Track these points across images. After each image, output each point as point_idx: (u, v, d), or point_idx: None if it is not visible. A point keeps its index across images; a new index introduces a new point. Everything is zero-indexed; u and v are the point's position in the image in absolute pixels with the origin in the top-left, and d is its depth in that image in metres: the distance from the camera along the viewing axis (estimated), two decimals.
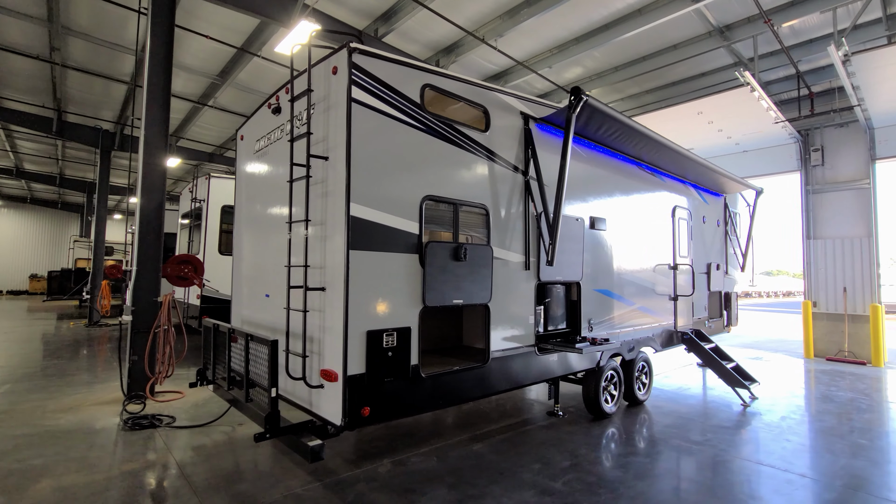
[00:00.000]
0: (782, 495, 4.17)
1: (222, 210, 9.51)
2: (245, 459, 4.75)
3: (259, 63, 11.65)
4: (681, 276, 7.87)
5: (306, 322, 3.71)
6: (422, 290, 3.97)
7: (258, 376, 3.93)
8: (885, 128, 10.97)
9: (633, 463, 4.83)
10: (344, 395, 3.44)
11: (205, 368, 5.14)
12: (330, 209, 3.72)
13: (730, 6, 8.78)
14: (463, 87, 4.51)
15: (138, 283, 6.82)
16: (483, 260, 4.42)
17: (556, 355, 5.36)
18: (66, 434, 5.39)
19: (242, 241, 5.49)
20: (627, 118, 5.35)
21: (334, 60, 3.77)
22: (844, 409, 6.94)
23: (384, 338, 3.70)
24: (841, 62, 7.98)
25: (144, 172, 6.97)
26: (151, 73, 7.07)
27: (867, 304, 11.00)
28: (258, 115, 5.25)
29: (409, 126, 3.99)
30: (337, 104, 3.72)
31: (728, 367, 7.43)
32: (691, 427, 6.06)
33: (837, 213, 11.68)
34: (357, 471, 4.49)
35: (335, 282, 3.60)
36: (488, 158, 4.67)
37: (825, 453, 5.19)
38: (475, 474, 4.46)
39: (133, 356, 6.77)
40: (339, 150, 3.65)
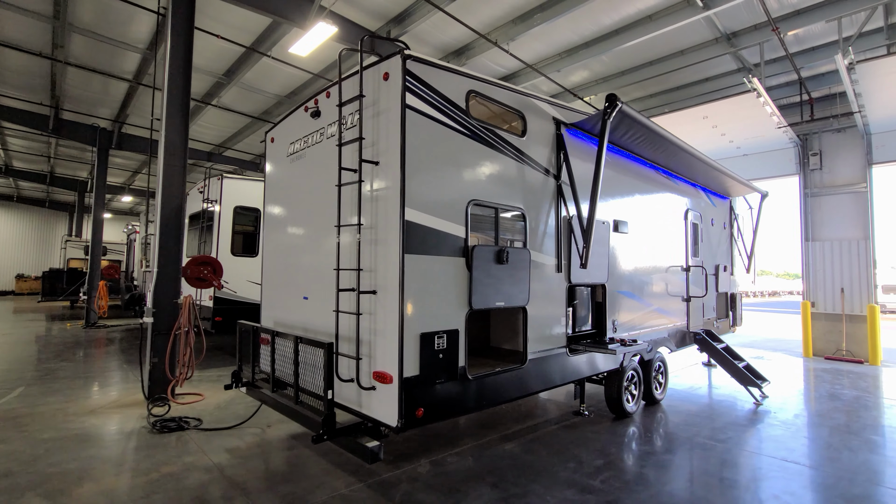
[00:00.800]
0: (812, 490, 4.32)
1: (235, 211, 9.46)
2: (282, 461, 4.77)
3: (267, 63, 11.61)
4: (693, 278, 8.05)
5: (359, 325, 3.75)
6: (468, 292, 4.04)
7: (307, 379, 3.97)
8: (881, 133, 11.31)
9: (665, 461, 4.96)
10: (400, 397, 3.49)
11: (240, 370, 5.14)
12: (381, 213, 3.77)
13: (738, 13, 9.00)
14: (503, 94, 4.59)
15: (159, 285, 6.78)
16: (522, 263, 4.51)
17: (584, 356, 5.47)
18: (95, 437, 5.36)
19: (273, 243, 5.50)
20: (655, 124, 5.48)
21: (385, 66, 3.82)
22: (852, 407, 7.17)
23: (436, 340, 3.76)
24: (846, 70, 8.23)
25: (165, 174, 6.93)
26: (171, 75, 7.03)
27: (864, 304, 11.33)
28: (292, 118, 5.26)
29: (456, 131, 4.06)
30: (388, 109, 3.77)
31: (740, 366, 7.62)
32: (710, 425, 6.21)
33: (835, 216, 12.01)
34: (397, 471, 4.54)
35: (388, 285, 3.66)
36: (525, 163, 4.76)
37: (843, 450, 5.38)
38: (514, 473, 4.54)
39: (153, 358, 6.73)
40: (392, 155, 3.70)
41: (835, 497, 4.21)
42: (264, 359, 4.86)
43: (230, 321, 9.35)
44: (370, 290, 3.77)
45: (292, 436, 5.50)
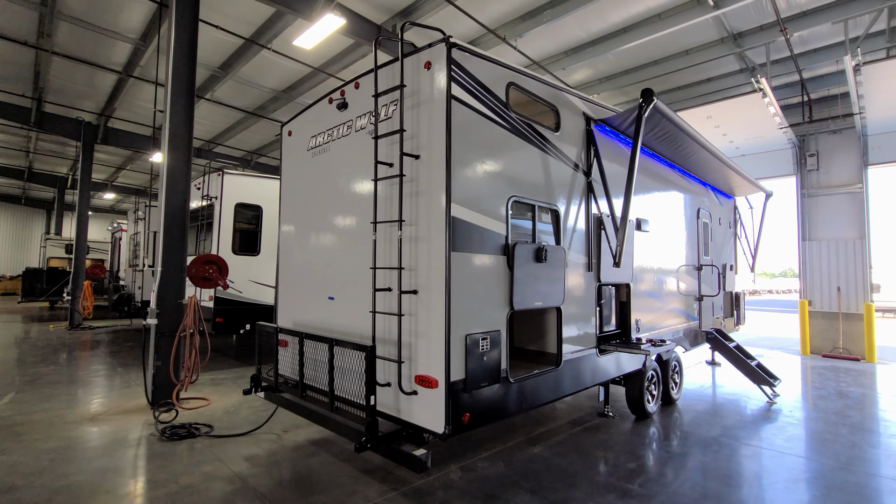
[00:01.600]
0: (853, 494, 4.30)
1: (236, 208, 9.13)
2: (306, 468, 4.55)
3: (265, 57, 11.27)
4: (705, 277, 8.04)
5: (401, 326, 3.56)
6: (509, 293, 3.89)
7: (342, 384, 3.76)
8: (878, 135, 11.53)
9: (699, 463, 4.89)
10: (447, 403, 3.33)
11: (259, 374, 4.91)
12: (423, 209, 3.59)
13: (746, 14, 9.03)
14: (540, 87, 4.45)
15: (163, 285, 6.46)
16: (559, 262, 4.38)
17: (611, 357, 5.38)
18: (101, 446, 5.05)
19: (291, 241, 5.27)
20: (683, 120, 5.41)
21: (427, 55, 3.64)
22: (863, 405, 7.24)
23: (480, 342, 3.61)
24: (853, 71, 8.33)
25: (169, 169, 6.62)
26: (176, 66, 6.72)
27: (860, 303, 11.55)
28: (313, 111, 5.04)
29: (497, 124, 3.91)
30: (430, 100, 3.60)
31: (752, 365, 7.64)
32: (731, 425, 6.19)
33: (831, 217, 12.21)
34: (429, 478, 4.37)
35: (431, 285, 3.48)
36: (559, 159, 4.63)
37: (867, 447, 5.39)
38: (549, 478, 4.41)
39: (157, 361, 6.41)
40: (435, 149, 3.53)
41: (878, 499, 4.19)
42: (289, 362, 4.62)
43: (231, 322, 9.03)
44: (411, 289, 3.59)
45: (311, 441, 5.28)
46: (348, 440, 5.16)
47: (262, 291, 9.40)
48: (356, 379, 3.73)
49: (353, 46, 10.77)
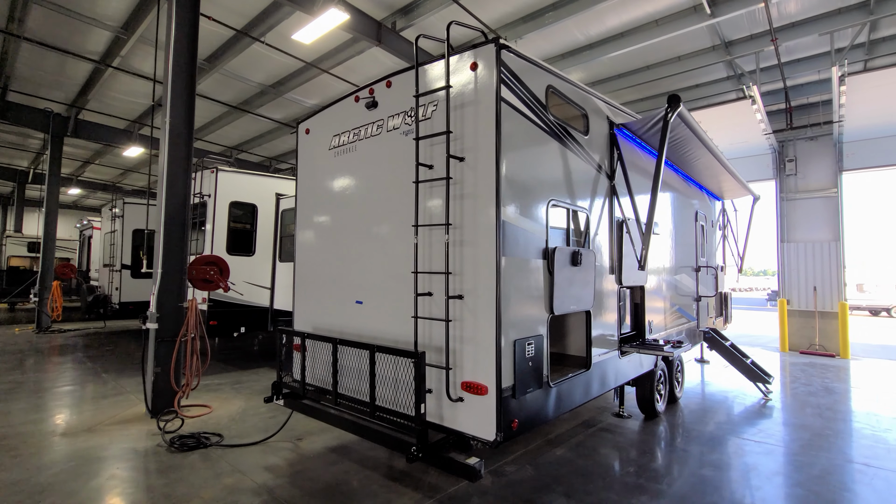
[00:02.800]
0: (871, 487, 4.49)
1: (230, 206, 8.80)
2: (332, 477, 4.41)
3: (256, 50, 10.92)
4: (702, 278, 8.27)
5: (448, 332, 3.49)
6: (549, 296, 3.88)
7: (382, 392, 3.66)
8: (852, 143, 12.16)
9: (716, 461, 5.02)
10: (498, 409, 3.28)
11: (280, 381, 4.73)
12: (469, 213, 3.53)
13: (739, 22, 9.33)
14: (573, 90, 4.45)
15: (163, 287, 6.15)
16: (590, 265, 4.40)
17: (631, 358, 5.45)
18: (106, 459, 4.76)
19: (311, 243, 5.10)
20: (700, 127, 5.53)
21: (472, 56, 3.58)
22: (858, 400, 7.61)
23: (526, 347, 3.57)
24: (838, 81, 8.73)
25: (169, 166, 6.30)
26: (177, 57, 6.39)
27: (835, 301, 12.15)
28: (335, 109, 4.89)
29: (539, 127, 3.88)
30: (475, 102, 3.53)
31: (747, 363, 7.92)
32: (734, 422, 6.39)
33: (808, 219, 12.80)
34: (459, 485, 4.31)
35: (479, 289, 3.43)
36: (588, 162, 4.65)
37: (862, 439, 5.66)
38: (580, 481, 4.43)
39: (156, 368, 6.11)
40: (482, 151, 3.47)
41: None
42: (317, 369, 4.47)
43: (226, 325, 8.71)
44: (456, 294, 3.52)
45: (330, 449, 5.13)
46: (368, 447, 5.10)
47: (258, 293, 9.11)
48: (399, 386, 3.64)
49: (349, 42, 10.56)
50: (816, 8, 8.69)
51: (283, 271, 9.23)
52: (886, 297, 27.93)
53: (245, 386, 7.86)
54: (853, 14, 8.60)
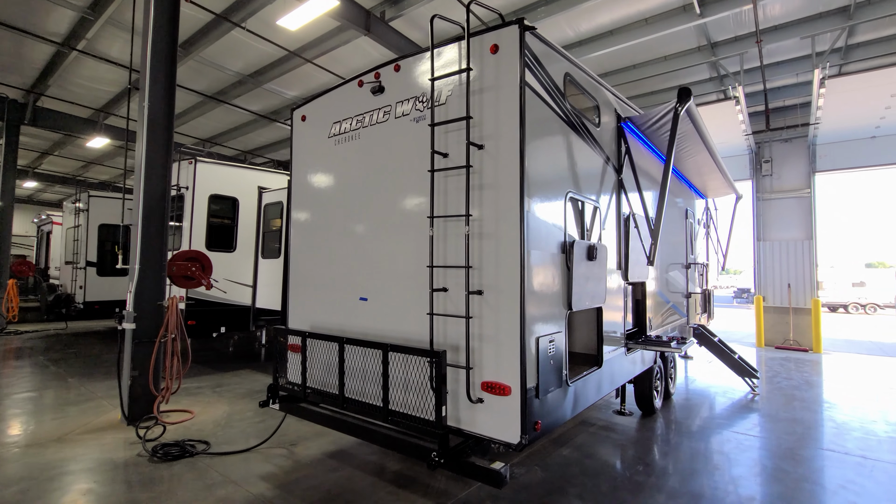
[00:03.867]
0: (872, 479, 4.55)
1: (210, 199, 8.33)
2: (335, 485, 4.15)
3: (234, 37, 10.41)
4: (691, 275, 8.36)
5: (468, 330, 3.29)
6: (567, 292, 3.74)
7: (394, 395, 3.42)
8: (825, 145, 12.61)
9: (725, 458, 5.01)
10: (522, 410, 3.11)
11: (276, 384, 4.42)
12: (489, 204, 3.34)
13: (725, 24, 9.47)
14: (586, 80, 4.33)
15: (141, 285, 5.71)
16: (603, 260, 4.29)
17: (635, 355, 5.39)
18: (82, 472, 4.34)
19: (307, 237, 4.80)
20: (704, 125, 5.51)
21: (493, 38, 3.38)
22: (839, 393, 7.83)
23: (549, 345, 3.42)
24: (818, 84, 8.98)
25: (148, 157, 5.86)
26: (156, 42, 5.94)
27: (808, 298, 12.58)
28: (335, 95, 4.60)
29: (558, 116, 3.73)
30: (497, 87, 3.35)
31: (735, 358, 8.04)
32: (728, 417, 6.45)
33: (782, 219, 13.21)
34: (470, 489, 4.13)
35: (501, 284, 3.24)
36: (600, 155, 4.54)
37: (852, 430, 5.79)
38: (591, 482, 4.32)
39: (134, 371, 5.67)
40: (504, 139, 3.29)
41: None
42: (318, 369, 4.19)
43: (204, 325, 8.25)
44: (476, 289, 3.33)
45: (327, 455, 4.86)
46: (368, 452, 4.86)
47: (239, 291, 8.67)
48: (412, 387, 3.42)
49: (335, 31, 10.19)
50: (800, 11, 8.90)
51: (265, 268, 8.83)
52: (843, 295, 29.39)
53: (227, 389, 7.45)
54: (834, 18, 8.85)
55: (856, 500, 4.03)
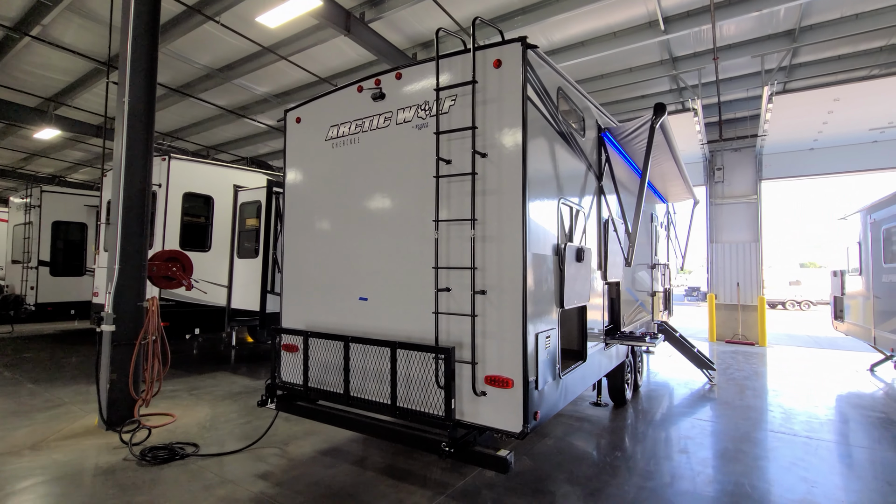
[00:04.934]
0: (817, 457, 5.12)
1: (184, 197, 8.10)
2: (333, 481, 4.25)
3: (206, 30, 10.13)
4: (657, 275, 8.94)
5: (474, 327, 3.49)
6: (559, 291, 4.02)
7: (401, 392, 3.58)
8: (770, 155, 13.70)
9: (691, 442, 5.46)
10: (524, 401, 3.35)
11: (274, 383, 4.46)
12: (492, 208, 3.56)
13: (686, 40, 10.16)
14: (574, 93, 4.63)
15: (121, 285, 5.55)
16: (588, 261, 4.61)
17: (612, 349, 5.77)
18: (66, 478, 4.22)
19: (304, 238, 4.85)
20: (674, 137, 5.97)
21: (497, 53, 3.60)
22: (784, 382, 8.61)
23: (546, 340, 3.68)
24: (767, 99, 9.81)
25: (128, 151, 5.69)
26: (136, 28, 5.78)
27: (755, 296, 13.64)
28: (333, 98, 4.68)
29: (552, 127, 4.00)
30: (500, 99, 3.57)
31: (695, 351, 8.68)
32: (689, 405, 7.00)
33: (733, 222, 14.24)
34: (466, 479, 4.34)
35: (504, 284, 3.47)
36: (584, 163, 4.86)
37: (792, 415, 6.44)
38: (580, 469, 4.63)
39: (112, 374, 5.51)
40: (507, 148, 3.51)
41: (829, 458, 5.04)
42: (317, 368, 4.27)
43: (179, 326, 8.03)
44: (479, 289, 3.54)
45: (322, 452, 4.93)
46: (361, 448, 4.99)
47: (214, 291, 8.48)
48: (418, 383, 3.59)
49: (312, 30, 10.13)
50: (752, 32, 9.69)
51: (241, 268, 8.68)
52: (782, 293, 31.81)
53: (204, 391, 7.30)
54: (781, 40, 9.70)
55: (806, 475, 4.56)
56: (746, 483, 4.37)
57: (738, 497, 4.09)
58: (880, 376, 9.24)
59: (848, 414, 6.63)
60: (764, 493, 4.17)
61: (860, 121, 11.25)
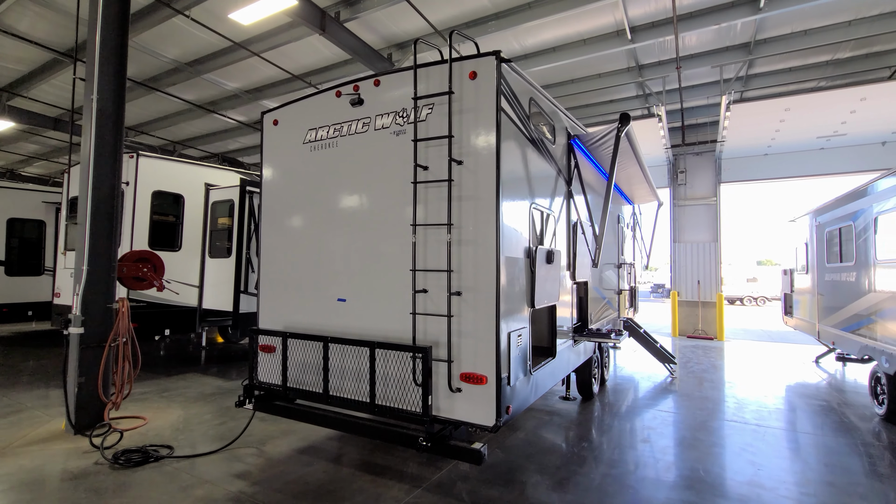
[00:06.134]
0: (764, 441, 5.54)
1: (153, 196, 7.93)
2: (312, 478, 4.34)
3: (175, 24, 9.89)
4: (623, 273, 9.34)
5: (450, 327, 3.65)
6: (530, 292, 4.23)
7: (379, 389, 3.71)
8: (728, 159, 14.44)
9: (652, 431, 5.80)
10: (497, 396, 3.54)
11: (252, 383, 4.50)
12: (467, 214, 3.72)
13: (651, 49, 10.61)
14: (545, 102, 4.84)
15: (89, 287, 5.44)
16: (558, 263, 4.84)
17: (580, 346, 6.06)
18: (36, 483, 4.15)
19: (281, 240, 4.90)
20: (638, 144, 6.29)
21: (472, 65, 3.76)
22: (738, 374, 9.17)
23: (517, 339, 3.88)
24: (725, 107, 10.37)
25: (97, 149, 5.57)
26: (105, 29, 5.65)
27: (714, 293, 14.37)
28: (310, 102, 4.74)
29: (524, 135, 4.20)
30: (476, 109, 3.73)
31: (657, 346, 9.14)
32: (652, 397, 7.39)
33: (694, 223, 14.94)
34: (441, 472, 4.52)
35: (479, 286, 3.65)
36: (555, 169, 5.10)
37: (745, 405, 6.92)
38: (549, 460, 4.88)
39: (80, 377, 5.40)
40: (482, 156, 3.68)
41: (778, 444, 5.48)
42: (295, 368, 4.35)
43: (147, 327, 7.87)
44: (455, 291, 3.71)
45: (299, 451, 5.00)
46: (339, 446, 5.10)
47: (184, 291, 8.34)
48: (395, 381, 3.73)
49: (285, 27, 10.03)
50: (711, 44, 10.21)
51: (213, 268, 8.56)
52: (739, 289, 33.46)
53: (176, 393, 7.21)
54: (737, 52, 10.27)
55: (753, 459, 4.95)
56: (701, 468, 4.71)
57: (693, 481, 4.42)
58: (824, 367, 9.97)
59: (794, 403, 7.17)
60: (716, 477, 4.52)
61: (809, 129, 12.02)
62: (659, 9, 8.98)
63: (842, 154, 13.44)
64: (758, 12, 8.43)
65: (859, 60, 10.64)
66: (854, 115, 10.72)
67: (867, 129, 11.76)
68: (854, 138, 12.62)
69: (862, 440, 5.56)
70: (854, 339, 7.06)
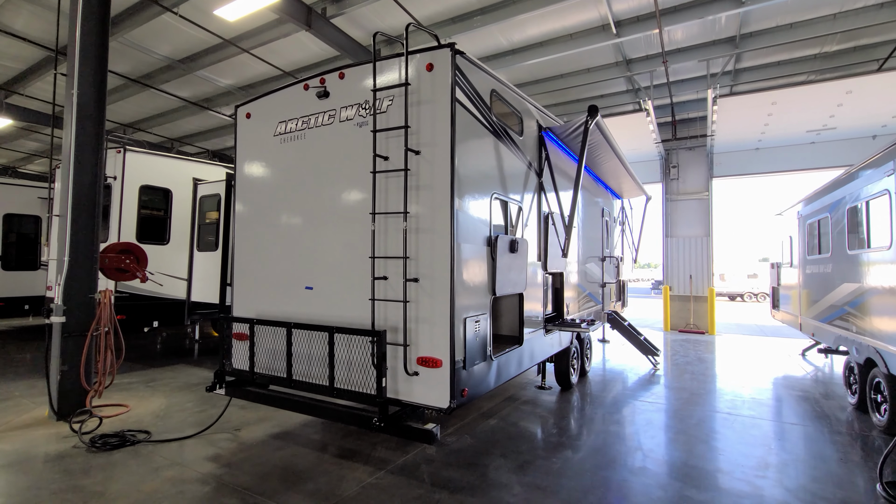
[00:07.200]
0: (731, 429, 5.62)
1: (141, 190, 8.08)
2: (281, 461, 4.47)
3: (165, 21, 10.02)
4: (606, 267, 9.41)
5: (406, 312, 3.76)
6: (492, 280, 4.33)
7: (339, 373, 3.83)
8: (721, 154, 14.43)
9: (622, 420, 5.89)
10: (451, 379, 3.65)
11: (223, 369, 4.63)
12: (425, 203, 3.82)
13: (638, 44, 10.64)
14: (511, 95, 4.93)
15: (71, 277, 5.59)
16: (524, 252, 4.94)
17: (553, 336, 6.15)
18: (14, 465, 4.30)
19: (253, 230, 5.02)
20: (611, 135, 6.36)
21: (429, 57, 3.85)
22: (721, 367, 9.22)
23: (474, 325, 3.98)
24: (712, 101, 10.38)
25: (78, 142, 5.71)
26: (86, 22, 5.78)
27: (706, 288, 14.39)
28: (281, 95, 4.85)
29: (484, 127, 4.28)
30: (432, 101, 3.83)
31: (641, 339, 9.21)
32: (632, 388, 7.47)
33: (686, 218, 14.96)
34: (407, 456, 4.63)
35: (435, 273, 3.75)
36: (522, 161, 5.18)
37: (724, 396, 6.99)
38: (513, 444, 4.98)
39: (63, 366, 5.56)
40: (439, 147, 3.78)
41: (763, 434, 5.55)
42: (264, 355, 4.47)
43: (134, 319, 8.03)
44: (412, 277, 3.81)
45: (273, 436, 5.13)
46: (312, 431, 5.22)
47: (173, 284, 8.50)
48: (356, 365, 3.84)
49: (274, 23, 10.14)
50: (697, 38, 10.22)
51: (201, 261, 8.71)
52: (741, 286, 33.35)
53: (161, 384, 7.37)
54: (724, 46, 10.27)
55: (717, 445, 5.03)
56: (662, 453, 4.80)
57: (651, 463, 4.50)
58: (810, 360, 10.00)
59: (771, 393, 7.23)
60: (676, 460, 4.60)
61: (798, 123, 12.00)
62: (643, 3, 9.01)
63: (833, 148, 13.40)
64: (741, 6, 8.45)
65: (847, 54, 10.62)
66: (841, 109, 10.70)
67: (856, 122, 11.73)
68: (844, 132, 12.58)
69: (830, 427, 5.62)
70: (830, 330, 7.11)
